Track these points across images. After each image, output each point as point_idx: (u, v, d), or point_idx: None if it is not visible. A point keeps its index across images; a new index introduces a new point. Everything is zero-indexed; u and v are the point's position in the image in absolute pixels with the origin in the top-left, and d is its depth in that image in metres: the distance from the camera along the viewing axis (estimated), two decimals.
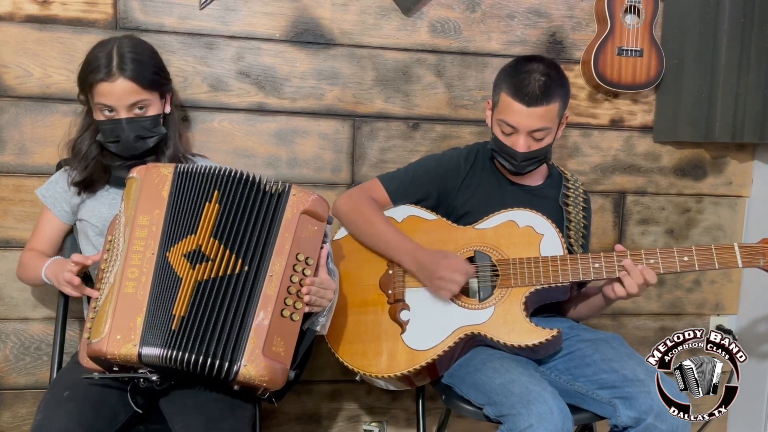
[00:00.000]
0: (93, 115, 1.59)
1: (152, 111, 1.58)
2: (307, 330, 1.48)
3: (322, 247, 1.45)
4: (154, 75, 1.57)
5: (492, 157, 1.74)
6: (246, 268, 1.37)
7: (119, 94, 1.52)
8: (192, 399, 1.40)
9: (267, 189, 1.43)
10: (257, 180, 1.44)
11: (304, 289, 1.40)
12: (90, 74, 1.53)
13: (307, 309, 1.41)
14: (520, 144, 1.62)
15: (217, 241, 1.38)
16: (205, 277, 1.36)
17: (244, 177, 1.44)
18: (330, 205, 1.48)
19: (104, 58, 1.52)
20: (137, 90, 1.53)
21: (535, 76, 1.60)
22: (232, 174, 1.44)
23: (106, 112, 1.54)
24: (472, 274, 1.59)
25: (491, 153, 1.72)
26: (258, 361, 1.31)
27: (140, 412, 1.42)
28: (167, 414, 1.41)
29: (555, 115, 1.62)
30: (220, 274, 1.37)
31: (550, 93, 1.60)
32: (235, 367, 1.31)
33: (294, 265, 1.40)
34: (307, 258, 1.41)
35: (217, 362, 1.31)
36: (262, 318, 1.34)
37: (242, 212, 1.41)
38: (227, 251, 1.38)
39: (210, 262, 1.37)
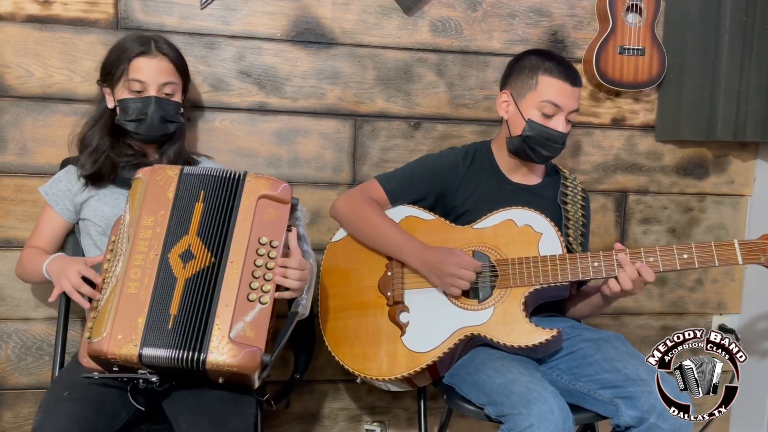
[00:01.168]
0: (111, 100, 1.63)
1: (176, 98, 1.64)
2: (289, 314, 1.47)
3: (290, 230, 1.46)
4: (184, 62, 1.66)
5: (516, 150, 1.70)
6: (213, 259, 1.39)
7: (155, 71, 1.58)
8: (197, 399, 1.40)
9: (230, 181, 1.46)
10: (224, 174, 1.47)
11: (277, 270, 1.40)
12: (128, 50, 1.59)
13: (278, 295, 1.41)
14: (561, 125, 1.66)
15: (199, 239, 1.41)
16: (189, 275, 1.38)
17: (223, 174, 1.47)
18: (291, 188, 1.48)
19: (141, 39, 1.61)
20: (172, 71, 1.61)
21: (567, 60, 1.71)
22: (215, 173, 1.47)
23: (137, 87, 1.58)
24: (480, 269, 1.59)
25: (520, 143, 1.68)
26: (224, 347, 1.32)
27: (143, 409, 1.42)
28: (171, 415, 1.41)
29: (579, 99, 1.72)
30: (198, 269, 1.38)
31: (580, 77, 1.71)
32: (203, 356, 1.32)
33: (257, 250, 1.41)
34: (271, 241, 1.42)
35: (190, 354, 1.32)
36: (225, 303, 1.35)
37: (216, 207, 1.44)
38: (203, 246, 1.40)
39: (194, 259, 1.39)
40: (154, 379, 1.34)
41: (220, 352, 1.32)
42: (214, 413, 1.36)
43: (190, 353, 1.32)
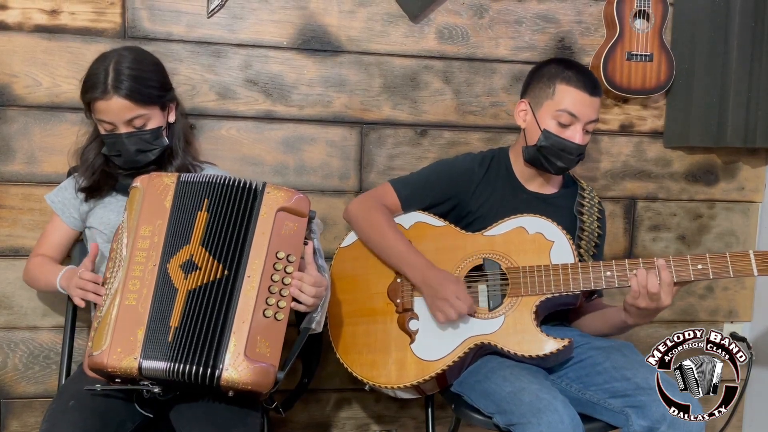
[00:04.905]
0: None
1: (153, 124, 1.57)
2: (301, 329, 1.46)
3: (306, 243, 1.43)
4: (151, 90, 1.55)
5: (531, 159, 1.68)
6: (226, 272, 1.37)
7: (115, 112, 1.52)
8: (202, 408, 1.39)
9: (245, 191, 1.42)
10: (240, 184, 1.43)
11: (294, 283, 1.38)
12: (87, 92, 1.54)
13: (293, 306, 1.40)
14: (578, 136, 1.63)
15: (204, 249, 1.38)
16: (193, 286, 1.36)
17: (229, 182, 1.43)
18: (309, 202, 1.46)
19: (101, 75, 1.51)
20: (132, 107, 1.52)
21: (587, 69, 1.71)
22: (219, 181, 1.43)
23: (107, 127, 1.55)
24: (473, 309, 1.58)
25: (535, 153, 1.66)
26: (240, 364, 1.30)
27: (150, 416, 1.41)
28: (177, 425, 1.40)
29: (599, 109, 1.68)
30: (205, 281, 1.36)
31: (600, 86, 1.69)
32: (217, 372, 1.30)
33: (274, 264, 1.38)
34: (288, 255, 1.40)
35: (201, 369, 1.31)
36: (242, 320, 1.33)
37: (225, 217, 1.41)
38: (210, 257, 1.38)
39: (199, 270, 1.37)
40: (156, 390, 1.33)
41: (236, 369, 1.30)
42: (219, 423, 1.36)
43: (202, 369, 1.31)
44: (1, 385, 1.89)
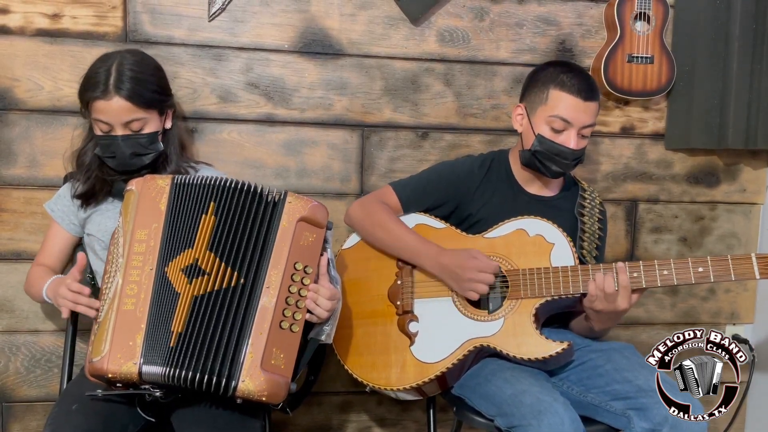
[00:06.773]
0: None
1: (149, 128, 1.55)
2: (309, 340, 1.46)
3: (322, 254, 1.42)
4: (152, 94, 1.55)
5: (527, 163, 1.68)
6: (242, 280, 1.35)
7: (114, 112, 1.51)
8: (204, 412, 1.39)
9: (263, 198, 1.41)
10: (252, 189, 1.42)
11: (309, 296, 1.38)
12: (87, 91, 1.52)
13: (307, 317, 1.39)
14: (572, 141, 1.61)
15: (212, 254, 1.36)
16: (201, 292, 1.34)
17: (240, 186, 1.41)
18: (328, 211, 1.45)
19: (103, 75, 1.51)
20: (133, 109, 1.51)
21: (584, 73, 1.67)
22: (228, 184, 1.41)
23: (104, 128, 1.54)
24: (497, 270, 1.57)
25: (530, 157, 1.66)
26: (256, 375, 1.30)
27: (153, 420, 1.40)
28: (179, 428, 1.40)
29: (597, 113, 1.66)
30: (215, 287, 1.35)
31: (597, 90, 1.66)
32: (233, 383, 1.30)
33: (292, 275, 1.37)
34: (306, 267, 1.38)
35: (215, 379, 1.30)
36: (259, 331, 1.32)
37: (237, 223, 1.39)
38: (222, 264, 1.36)
39: (206, 275, 1.35)
40: (157, 393, 1.33)
41: (252, 380, 1.29)
42: (221, 427, 1.36)
43: (216, 378, 1.30)
44: (2, 388, 1.89)
